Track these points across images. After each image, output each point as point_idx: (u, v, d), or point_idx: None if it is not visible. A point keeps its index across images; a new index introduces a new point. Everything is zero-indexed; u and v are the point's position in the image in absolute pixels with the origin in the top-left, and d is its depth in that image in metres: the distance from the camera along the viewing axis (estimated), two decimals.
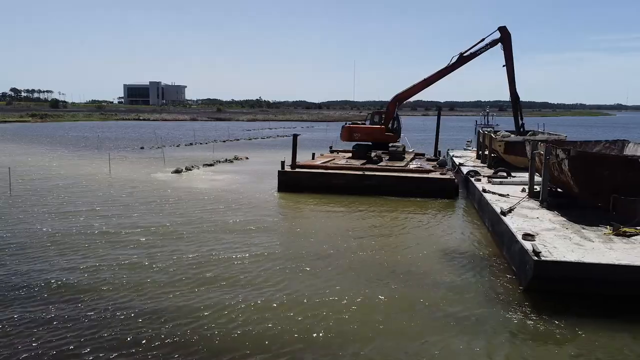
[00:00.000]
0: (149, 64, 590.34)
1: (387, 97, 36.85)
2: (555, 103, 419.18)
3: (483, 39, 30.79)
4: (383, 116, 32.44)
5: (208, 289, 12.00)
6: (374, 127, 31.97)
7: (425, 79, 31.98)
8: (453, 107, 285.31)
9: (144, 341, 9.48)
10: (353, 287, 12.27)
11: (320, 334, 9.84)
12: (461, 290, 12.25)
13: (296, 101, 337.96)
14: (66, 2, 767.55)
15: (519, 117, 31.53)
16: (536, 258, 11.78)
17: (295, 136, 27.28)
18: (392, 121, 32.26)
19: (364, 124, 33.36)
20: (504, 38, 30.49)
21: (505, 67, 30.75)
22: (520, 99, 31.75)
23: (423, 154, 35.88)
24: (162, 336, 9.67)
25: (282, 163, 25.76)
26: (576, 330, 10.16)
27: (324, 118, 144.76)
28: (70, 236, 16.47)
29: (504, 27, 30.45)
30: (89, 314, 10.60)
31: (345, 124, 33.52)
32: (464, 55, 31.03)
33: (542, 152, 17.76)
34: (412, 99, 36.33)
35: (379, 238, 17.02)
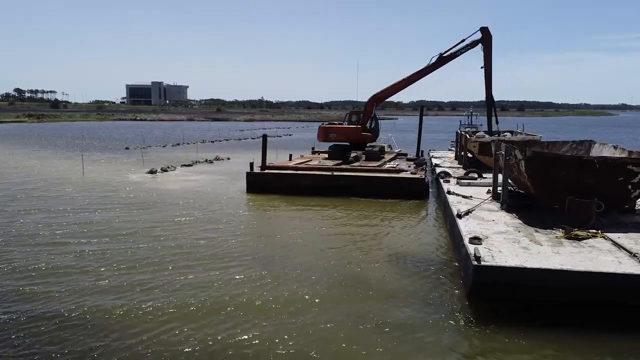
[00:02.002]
0: (150, 64, 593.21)
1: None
2: (559, 103, 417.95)
3: (464, 40, 30.26)
4: (361, 116, 31.98)
5: (152, 301, 11.18)
6: (350, 127, 31.48)
7: (404, 79, 31.48)
8: (455, 107, 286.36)
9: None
10: (296, 296, 11.74)
11: (255, 340, 9.42)
12: (409, 297, 11.72)
13: (299, 101, 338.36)
14: (66, 2, 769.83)
15: (495, 119, 30.99)
16: (476, 263, 11.29)
17: (264, 137, 26.92)
18: (370, 121, 31.80)
19: (342, 124, 32.89)
20: (485, 39, 29.90)
21: (483, 69, 30.18)
22: (525, 99, 31.40)
23: (405, 154, 35.40)
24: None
25: (251, 164, 25.35)
26: (517, 338, 9.67)
27: (322, 118, 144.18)
28: (7, 243, 15.93)
29: (486, 27, 29.86)
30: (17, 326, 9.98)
31: (322, 124, 33.08)
32: (444, 55, 30.48)
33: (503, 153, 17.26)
34: (414, 99, 36.10)
35: (335, 242, 16.40)
